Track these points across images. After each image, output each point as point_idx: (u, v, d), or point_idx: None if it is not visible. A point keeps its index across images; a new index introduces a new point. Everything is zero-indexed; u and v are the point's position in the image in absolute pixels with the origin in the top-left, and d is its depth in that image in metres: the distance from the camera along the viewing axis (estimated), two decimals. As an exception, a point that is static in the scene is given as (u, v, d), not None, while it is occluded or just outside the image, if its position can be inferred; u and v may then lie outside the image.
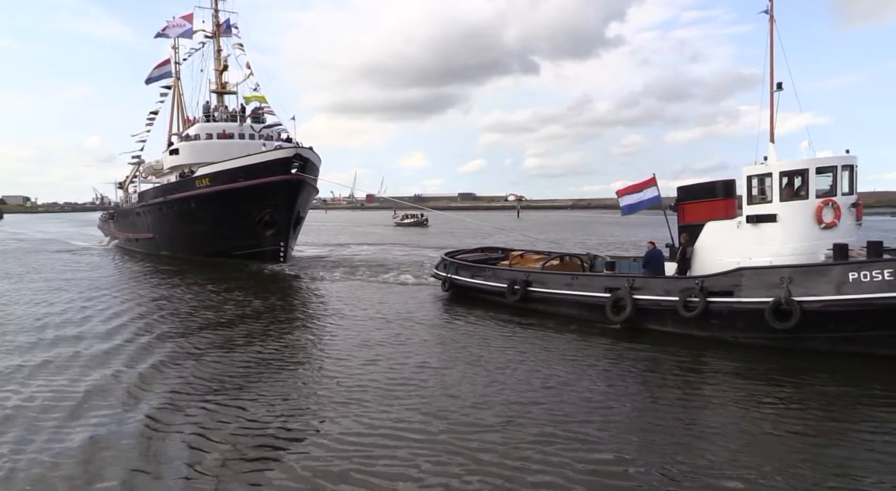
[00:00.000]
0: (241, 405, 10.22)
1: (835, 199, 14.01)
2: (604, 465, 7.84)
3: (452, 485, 7.27)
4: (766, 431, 8.95)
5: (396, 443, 8.54)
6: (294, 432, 9.07)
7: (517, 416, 9.58)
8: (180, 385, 11.44)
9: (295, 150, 31.87)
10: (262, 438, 8.80)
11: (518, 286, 18.70)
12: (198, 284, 26.17)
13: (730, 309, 13.90)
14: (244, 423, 9.42)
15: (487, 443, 8.51)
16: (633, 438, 8.69)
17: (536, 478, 7.46)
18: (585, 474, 7.56)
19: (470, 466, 7.75)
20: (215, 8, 41.77)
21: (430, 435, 8.84)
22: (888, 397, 10.36)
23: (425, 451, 8.26)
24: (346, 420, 9.48)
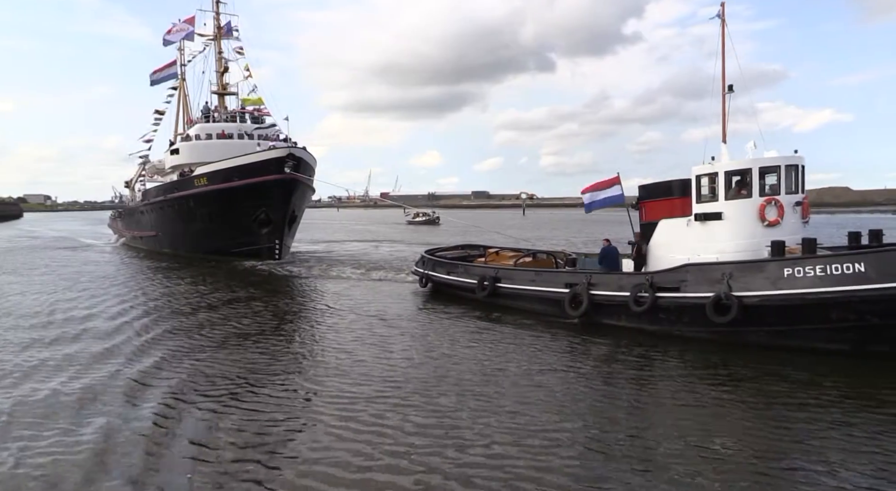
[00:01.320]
0: (241, 403, 10.28)
1: (778, 197, 14.40)
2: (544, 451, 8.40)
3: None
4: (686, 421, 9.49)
5: (386, 440, 8.65)
6: (294, 431, 9.03)
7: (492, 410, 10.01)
8: (173, 386, 11.33)
9: (288, 149, 32.67)
10: (261, 437, 8.81)
11: (487, 282, 19.29)
12: (189, 282, 27.06)
13: (676, 304, 14.38)
14: (245, 421, 9.44)
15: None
16: (570, 424, 9.25)
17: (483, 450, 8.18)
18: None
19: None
20: (216, 11, 42.75)
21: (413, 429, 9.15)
22: (814, 390, 10.73)
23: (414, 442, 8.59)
24: (333, 417, 9.61)
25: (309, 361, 13.23)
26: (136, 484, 7.48)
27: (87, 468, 7.86)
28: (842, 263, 12.36)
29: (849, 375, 11.44)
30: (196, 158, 38.43)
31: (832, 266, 12.42)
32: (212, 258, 35.17)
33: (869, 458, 7.85)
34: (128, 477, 7.63)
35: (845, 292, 12.23)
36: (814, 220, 17.32)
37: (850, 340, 12.59)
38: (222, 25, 42.70)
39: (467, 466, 7.80)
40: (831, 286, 12.36)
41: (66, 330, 16.41)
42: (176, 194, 37.95)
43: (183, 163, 39.87)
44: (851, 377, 11.29)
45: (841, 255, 12.79)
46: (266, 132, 39.99)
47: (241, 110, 42.03)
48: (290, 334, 16.01)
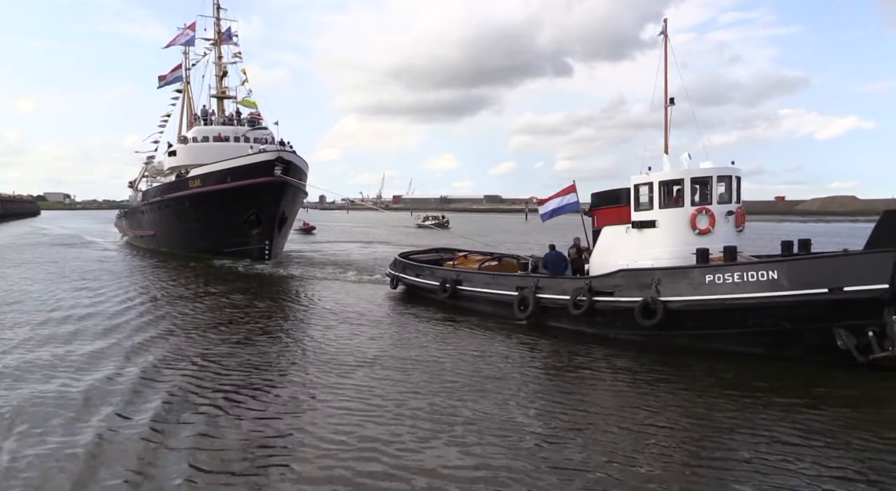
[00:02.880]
0: (237, 405, 10.35)
1: (709, 207, 15.00)
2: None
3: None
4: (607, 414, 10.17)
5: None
6: (288, 434, 9.10)
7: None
8: (163, 390, 11.21)
9: (277, 153, 33.64)
10: (258, 440, 8.89)
11: (448, 284, 20.03)
12: (175, 281, 28.09)
13: (611, 307, 15.03)
14: (241, 423, 9.51)
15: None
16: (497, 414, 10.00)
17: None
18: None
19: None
20: (217, 17, 43.98)
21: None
22: (731, 392, 11.36)
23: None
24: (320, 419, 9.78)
25: (288, 361, 13.49)
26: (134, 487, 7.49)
27: (83, 471, 7.83)
28: (757, 270, 12.97)
29: (763, 376, 11.98)
30: (192, 160, 39.55)
31: (749, 273, 13.03)
32: (205, 258, 36.19)
33: (780, 449, 8.53)
34: (119, 482, 7.59)
35: (760, 298, 12.84)
36: (809, 229, 17.71)
37: (765, 343, 13.19)
38: (222, 31, 43.90)
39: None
40: (747, 293, 12.97)
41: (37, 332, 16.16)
42: (172, 195, 39.11)
43: (179, 164, 41.07)
44: (765, 378, 11.83)
45: (757, 263, 13.38)
46: (260, 135, 41.01)
47: (237, 114, 43.13)
48: (271, 336, 16.09)
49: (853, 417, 9.80)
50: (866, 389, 11.27)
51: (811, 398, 10.69)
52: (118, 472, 7.85)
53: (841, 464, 8.04)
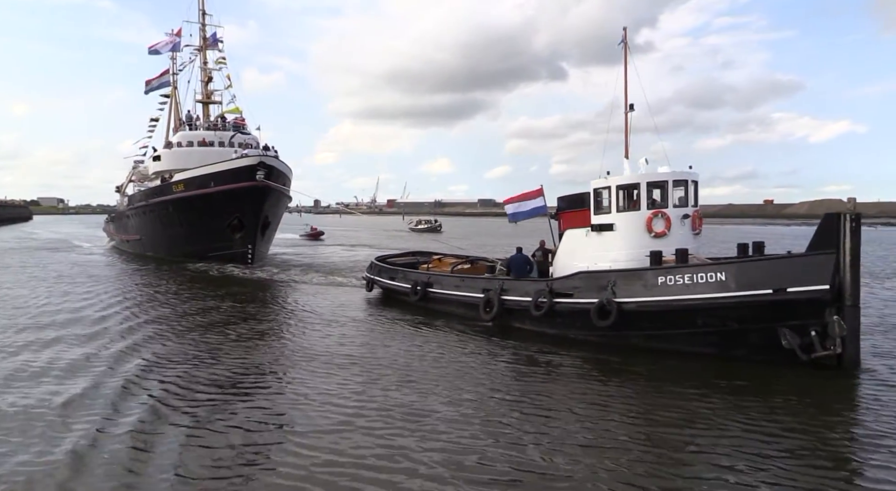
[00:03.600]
0: (217, 413, 10.24)
1: (665, 210, 15.38)
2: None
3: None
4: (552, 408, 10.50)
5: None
6: (273, 440, 9.09)
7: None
8: (140, 397, 11.11)
9: (259, 158, 33.91)
10: (242, 444, 8.88)
11: (419, 287, 20.36)
12: (157, 286, 28.31)
13: (570, 309, 15.38)
14: (223, 434, 9.37)
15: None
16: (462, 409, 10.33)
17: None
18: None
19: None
20: (202, 23, 44.32)
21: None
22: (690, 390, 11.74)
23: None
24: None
25: (265, 364, 13.55)
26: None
27: (64, 482, 7.75)
28: (706, 272, 13.34)
29: (710, 375, 12.37)
30: (176, 165, 39.82)
31: (698, 275, 13.40)
32: (189, 262, 36.39)
33: (724, 442, 8.94)
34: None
35: (708, 299, 13.21)
36: (792, 232, 17.84)
37: (714, 343, 13.56)
38: (207, 37, 44.23)
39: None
40: (697, 294, 13.34)
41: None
42: (156, 200, 39.34)
43: (164, 169, 41.33)
44: (712, 377, 12.22)
45: (706, 265, 13.75)
46: (244, 140, 41.29)
47: (222, 119, 43.43)
48: (247, 340, 16.06)
49: (792, 413, 10.15)
50: (806, 386, 11.62)
51: (754, 395, 11.04)
52: (101, 480, 7.76)
53: (778, 454, 8.44)
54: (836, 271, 12.16)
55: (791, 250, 13.83)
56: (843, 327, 12.04)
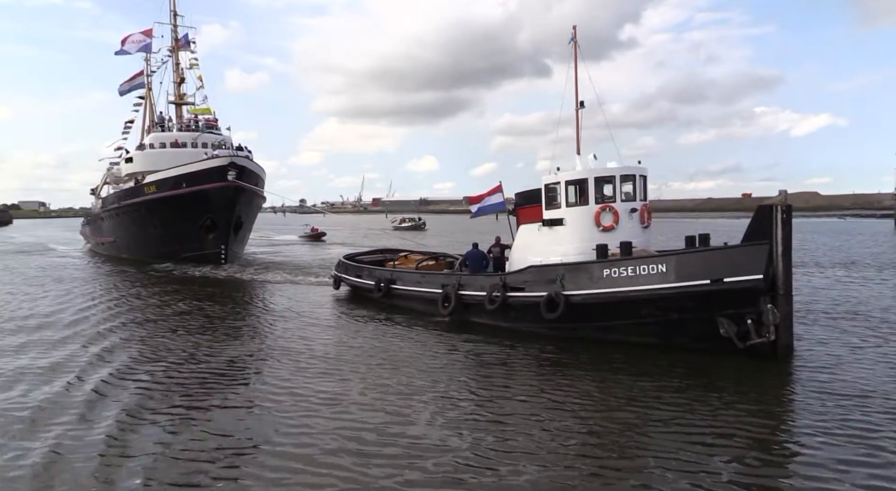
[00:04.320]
0: (191, 414, 10.25)
1: (613, 204, 15.75)
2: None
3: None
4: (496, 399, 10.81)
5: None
6: (249, 441, 9.06)
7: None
8: (117, 402, 10.96)
9: (230, 158, 33.99)
10: (215, 447, 8.80)
11: (383, 284, 20.63)
12: (126, 287, 28.32)
13: (522, 302, 15.71)
14: (198, 434, 9.36)
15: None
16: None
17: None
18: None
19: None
20: (174, 24, 44.20)
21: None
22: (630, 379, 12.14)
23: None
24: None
25: (234, 363, 13.61)
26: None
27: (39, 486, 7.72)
28: (648, 264, 13.72)
29: (651, 363, 12.74)
30: (148, 166, 39.74)
31: (641, 267, 13.77)
32: (163, 263, 36.34)
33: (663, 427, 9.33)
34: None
35: (650, 290, 13.59)
36: None
37: (658, 333, 13.95)
38: (179, 38, 44.13)
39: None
40: (639, 285, 13.72)
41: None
42: (129, 201, 39.26)
43: (136, 171, 41.24)
44: (654, 365, 12.61)
45: (648, 257, 14.12)
46: (216, 140, 41.28)
47: (195, 120, 43.38)
48: (216, 340, 16.06)
49: (728, 399, 10.52)
50: (742, 372, 12.01)
51: (694, 383, 11.45)
52: (72, 487, 7.66)
53: (716, 438, 8.82)
54: (770, 261, 12.57)
55: (727, 242, 14.20)
56: (776, 315, 12.46)
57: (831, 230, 68.32)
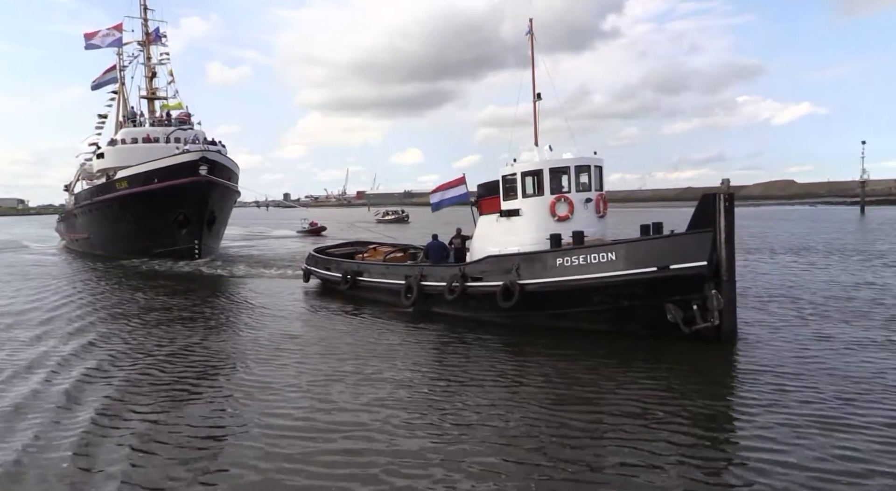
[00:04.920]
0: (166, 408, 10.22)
1: (568, 195, 16.03)
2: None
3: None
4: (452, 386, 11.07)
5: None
6: (225, 436, 8.99)
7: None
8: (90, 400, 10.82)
9: (201, 152, 33.89)
10: (195, 445, 8.71)
11: (349, 276, 20.82)
12: (98, 285, 28.23)
13: (480, 292, 15.98)
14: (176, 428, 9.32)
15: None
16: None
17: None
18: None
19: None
20: (144, 17, 43.80)
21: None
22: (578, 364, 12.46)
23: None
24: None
25: (215, 360, 13.47)
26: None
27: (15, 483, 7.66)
28: (599, 253, 14.02)
29: (607, 350, 13.04)
30: (120, 162, 39.44)
31: (592, 256, 14.08)
32: (136, 259, 36.19)
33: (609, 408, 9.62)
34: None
35: (601, 278, 13.90)
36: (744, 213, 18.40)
37: (609, 320, 14.29)
38: (150, 32, 43.73)
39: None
40: (590, 273, 14.03)
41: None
42: (101, 198, 39.02)
43: (108, 166, 40.94)
44: (608, 352, 12.90)
45: (599, 246, 14.42)
46: (189, 135, 41.09)
47: (167, 115, 43.12)
48: (193, 336, 15.91)
49: (675, 383, 10.84)
50: (689, 357, 12.36)
51: (644, 368, 11.75)
52: (47, 487, 7.59)
53: (664, 421, 9.08)
54: (713, 248, 12.93)
55: (674, 230, 14.54)
56: (720, 301, 12.82)
57: (801, 217, 69.68)
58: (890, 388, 10.08)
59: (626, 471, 7.50)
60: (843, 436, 8.22)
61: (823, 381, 10.50)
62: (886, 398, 9.60)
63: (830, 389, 10.08)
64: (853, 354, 12.23)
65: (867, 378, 10.60)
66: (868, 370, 11.06)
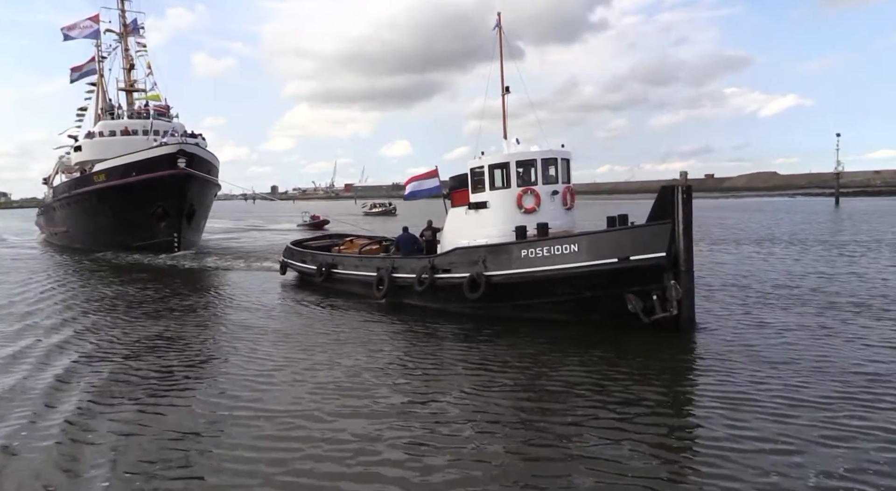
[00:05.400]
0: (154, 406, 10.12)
1: (535, 187, 16.27)
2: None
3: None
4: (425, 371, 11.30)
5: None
6: (208, 433, 8.91)
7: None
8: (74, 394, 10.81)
9: (179, 145, 33.80)
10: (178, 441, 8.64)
11: (324, 268, 20.99)
12: (78, 279, 28.18)
13: (448, 283, 16.21)
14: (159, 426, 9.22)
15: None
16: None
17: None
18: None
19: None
20: (121, 8, 43.44)
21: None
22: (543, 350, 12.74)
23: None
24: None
25: (196, 355, 13.39)
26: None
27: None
28: (562, 244, 14.29)
29: (570, 340, 13.34)
30: (98, 155, 39.24)
31: (555, 247, 14.35)
32: (115, 252, 36.08)
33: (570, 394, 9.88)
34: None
35: (563, 269, 14.18)
36: (721, 204, 18.85)
37: (572, 310, 14.57)
38: (128, 23, 43.39)
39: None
40: (553, 265, 14.30)
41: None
42: (80, 191, 38.82)
43: (86, 160, 40.70)
44: (571, 341, 13.21)
45: (562, 237, 14.67)
46: (168, 128, 40.90)
47: (146, 107, 42.88)
48: (170, 330, 15.85)
49: (633, 368, 11.20)
50: (649, 345, 12.67)
51: (605, 356, 12.01)
52: (31, 478, 7.60)
53: (623, 407, 9.37)
54: (672, 240, 13.23)
55: (633, 222, 14.83)
56: (678, 291, 13.15)
57: (777, 208, 70.69)
58: (822, 370, 10.68)
59: (585, 451, 7.83)
60: (783, 415, 8.69)
61: (770, 366, 10.92)
62: (814, 380, 10.17)
63: (773, 373, 10.55)
64: (796, 339, 12.81)
65: (804, 361, 11.18)
66: (807, 355, 11.58)
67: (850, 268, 22.55)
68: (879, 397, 9.27)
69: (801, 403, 9.10)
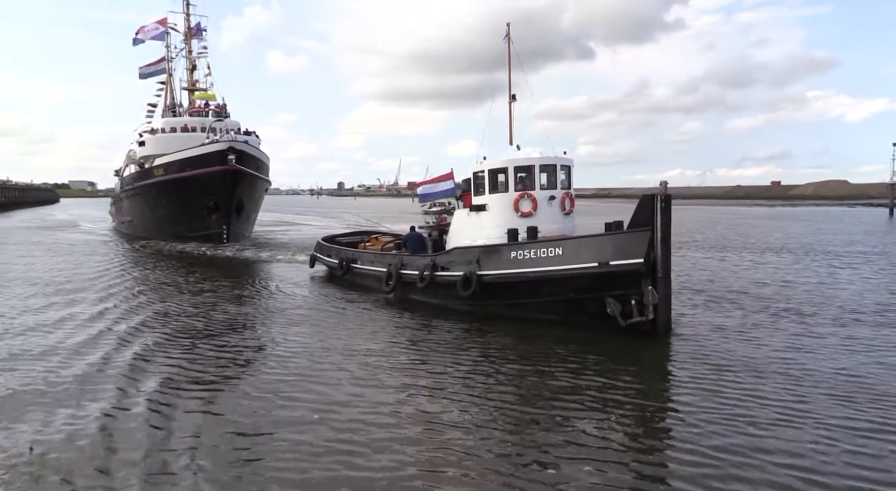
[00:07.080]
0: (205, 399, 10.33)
1: (532, 192, 16.88)
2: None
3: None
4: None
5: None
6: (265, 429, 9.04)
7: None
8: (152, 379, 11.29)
9: (229, 143, 35.90)
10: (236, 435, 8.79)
11: (345, 263, 22.25)
12: (133, 266, 30.59)
13: (447, 281, 17.06)
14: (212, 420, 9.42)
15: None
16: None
17: None
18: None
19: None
20: (187, 13, 46.26)
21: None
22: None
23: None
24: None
25: (249, 349, 13.68)
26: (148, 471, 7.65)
27: (96, 455, 8.08)
28: (548, 248, 14.91)
29: (552, 338, 13.92)
30: (159, 150, 42.03)
31: (542, 250, 14.98)
32: (172, 242, 38.50)
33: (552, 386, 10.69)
34: (136, 462, 7.85)
35: (549, 272, 14.80)
36: (774, 214, 19.33)
37: (559, 311, 15.16)
38: (192, 26, 46.19)
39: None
40: (539, 266, 14.94)
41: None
42: (142, 183, 41.72)
43: (148, 154, 43.63)
44: (553, 340, 13.79)
45: (549, 241, 15.27)
46: (225, 126, 43.28)
47: (205, 105, 45.53)
48: (219, 318, 16.59)
49: (609, 369, 11.69)
50: (626, 348, 13.17)
51: (580, 356, 12.54)
52: (129, 450, 8.16)
53: (596, 406, 9.88)
54: (651, 247, 13.65)
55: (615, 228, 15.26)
56: (655, 296, 13.57)
57: (824, 218, 67.32)
58: (792, 376, 11.07)
59: (559, 450, 8.18)
60: (750, 411, 9.31)
61: (744, 370, 11.38)
62: (788, 385, 10.57)
63: (746, 377, 10.99)
64: (766, 344, 13.19)
65: (776, 366, 11.63)
66: (775, 359, 12.01)
67: (833, 277, 23.09)
68: (850, 395, 9.93)
69: (763, 403, 9.61)
